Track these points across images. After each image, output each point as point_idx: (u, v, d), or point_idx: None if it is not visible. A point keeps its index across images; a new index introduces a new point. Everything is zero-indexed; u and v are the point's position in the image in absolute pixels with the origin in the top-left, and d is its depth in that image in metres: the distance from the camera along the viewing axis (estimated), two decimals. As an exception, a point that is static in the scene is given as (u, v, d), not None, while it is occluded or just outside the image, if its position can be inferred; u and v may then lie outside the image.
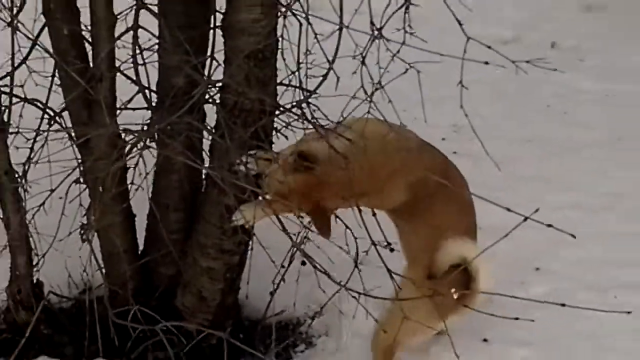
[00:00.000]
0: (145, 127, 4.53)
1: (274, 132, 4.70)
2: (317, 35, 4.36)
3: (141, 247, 4.90)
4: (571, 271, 5.21)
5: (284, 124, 4.64)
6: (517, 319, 3.88)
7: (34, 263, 4.78)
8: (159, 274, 4.81)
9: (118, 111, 4.58)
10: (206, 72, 4.60)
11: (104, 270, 4.74)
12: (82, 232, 4.58)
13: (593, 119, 6.98)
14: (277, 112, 4.55)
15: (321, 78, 4.27)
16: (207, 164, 4.68)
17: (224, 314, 4.77)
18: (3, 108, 4.59)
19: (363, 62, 4.26)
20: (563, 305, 3.61)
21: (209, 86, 4.50)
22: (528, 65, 3.62)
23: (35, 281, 4.85)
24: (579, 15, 8.73)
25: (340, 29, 4.08)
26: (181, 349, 4.45)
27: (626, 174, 6.35)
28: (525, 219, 3.40)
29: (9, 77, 4.59)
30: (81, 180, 4.56)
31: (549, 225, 3.32)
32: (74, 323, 4.77)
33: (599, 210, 5.83)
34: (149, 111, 4.57)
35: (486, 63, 4.15)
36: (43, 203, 4.58)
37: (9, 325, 4.76)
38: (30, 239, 4.74)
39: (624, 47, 8.03)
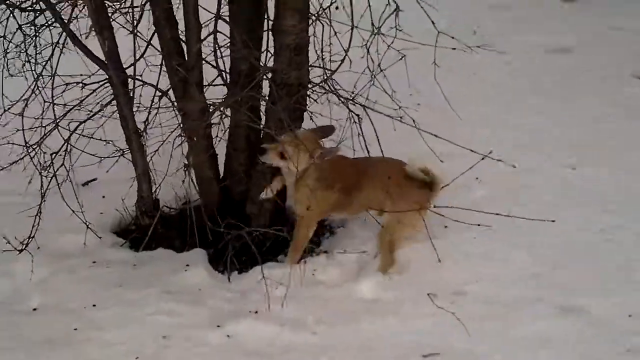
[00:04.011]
0: (223, 100, 5.16)
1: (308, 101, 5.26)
2: (337, 33, 5.07)
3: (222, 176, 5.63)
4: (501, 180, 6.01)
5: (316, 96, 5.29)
6: (469, 209, 5.00)
7: (153, 189, 5.53)
8: (234, 192, 5.58)
9: (205, 88, 5.24)
10: (263, 61, 5.28)
11: (199, 190, 5.52)
12: (185, 167, 5.16)
13: (498, 80, 8.12)
14: (309, 86, 5.20)
15: (339, 62, 4.96)
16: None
17: (275, 218, 5.58)
18: (130, 88, 5.24)
19: (368, 51, 5.00)
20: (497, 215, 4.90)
21: (265, 71, 5.11)
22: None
23: (154, 198, 5.57)
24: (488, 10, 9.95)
25: (352, 28, 4.79)
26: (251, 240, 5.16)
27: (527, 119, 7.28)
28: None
29: (132, 67, 5.29)
30: (182, 134, 5.19)
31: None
32: (179, 225, 5.54)
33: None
34: (225, 88, 5.25)
35: (453, 49, 5.10)
36: (157, 149, 5.34)
37: (137, 228, 5.59)
38: (150, 173, 5.49)
39: (521, 32, 9.24)
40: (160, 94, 5.31)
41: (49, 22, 5.33)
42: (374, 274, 5.20)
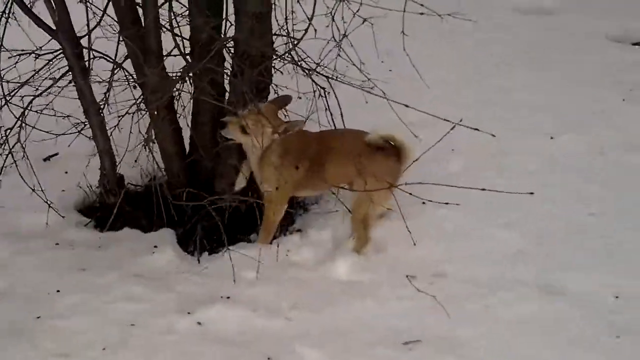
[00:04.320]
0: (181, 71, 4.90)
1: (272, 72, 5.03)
2: (300, 1, 4.90)
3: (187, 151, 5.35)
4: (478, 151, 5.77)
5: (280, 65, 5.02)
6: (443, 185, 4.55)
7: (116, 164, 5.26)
8: (202, 168, 5.31)
9: (164, 59, 4.95)
10: (224, 30, 5.02)
11: (162, 166, 5.26)
12: (145, 143, 4.95)
13: (472, 44, 7.85)
14: (273, 57, 4.94)
15: (304, 31, 4.77)
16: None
17: (246, 194, 5.26)
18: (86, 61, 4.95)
19: (333, 19, 4.85)
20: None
21: (225, 41, 4.87)
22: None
23: (118, 175, 5.32)
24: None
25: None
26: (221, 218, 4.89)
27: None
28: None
29: (87, 37, 4.95)
30: (141, 108, 4.95)
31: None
32: (146, 203, 5.30)
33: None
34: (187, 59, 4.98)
35: (421, 14, 4.70)
36: (117, 124, 5.09)
37: (102, 207, 5.35)
38: (112, 149, 5.23)
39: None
40: (116, 65, 5.06)
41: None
42: (350, 254, 5.02)
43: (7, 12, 4.86)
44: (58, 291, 4.68)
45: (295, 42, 4.80)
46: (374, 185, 4.83)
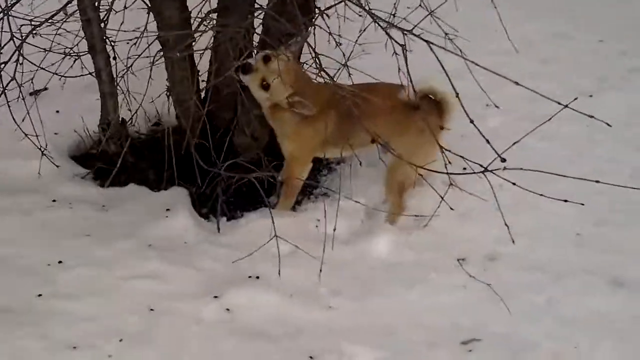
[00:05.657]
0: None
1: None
2: None
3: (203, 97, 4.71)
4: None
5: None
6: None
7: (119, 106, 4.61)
8: (220, 118, 4.71)
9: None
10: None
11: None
12: (168, 91, 4.51)
13: None
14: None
15: None
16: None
17: (269, 151, 4.76)
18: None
19: None
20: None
21: None
22: None
23: (120, 119, 4.70)
24: None
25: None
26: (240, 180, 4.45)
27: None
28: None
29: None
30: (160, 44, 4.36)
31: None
32: (152, 153, 4.79)
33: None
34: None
35: None
36: (131, 66, 4.34)
37: (101, 155, 4.72)
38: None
39: None
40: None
41: None
42: (388, 228, 4.48)
43: None
44: (60, 262, 4.04)
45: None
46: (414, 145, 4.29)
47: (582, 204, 3.51)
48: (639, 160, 5.08)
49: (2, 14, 4.02)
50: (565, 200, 3.39)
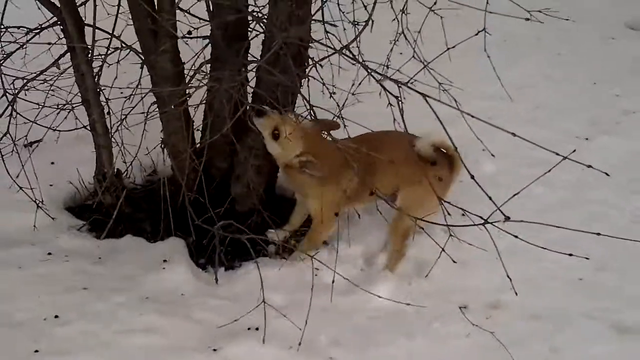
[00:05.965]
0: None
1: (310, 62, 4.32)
2: None
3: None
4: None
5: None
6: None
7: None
8: (215, 167, 4.68)
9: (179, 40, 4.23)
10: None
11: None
12: (163, 144, 4.47)
13: None
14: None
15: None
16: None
17: (264, 200, 4.74)
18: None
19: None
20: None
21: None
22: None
23: (114, 171, 4.65)
24: None
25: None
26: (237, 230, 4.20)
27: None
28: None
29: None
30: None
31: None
32: (149, 203, 4.73)
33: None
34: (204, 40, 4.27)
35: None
36: (124, 119, 4.31)
37: (97, 206, 4.66)
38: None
39: None
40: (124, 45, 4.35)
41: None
42: (387, 276, 4.44)
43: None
44: (56, 317, 3.96)
45: (356, 34, 3.86)
46: (423, 196, 4.24)
47: (587, 258, 3.50)
48: (638, 203, 5.05)
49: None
50: (570, 254, 3.30)
